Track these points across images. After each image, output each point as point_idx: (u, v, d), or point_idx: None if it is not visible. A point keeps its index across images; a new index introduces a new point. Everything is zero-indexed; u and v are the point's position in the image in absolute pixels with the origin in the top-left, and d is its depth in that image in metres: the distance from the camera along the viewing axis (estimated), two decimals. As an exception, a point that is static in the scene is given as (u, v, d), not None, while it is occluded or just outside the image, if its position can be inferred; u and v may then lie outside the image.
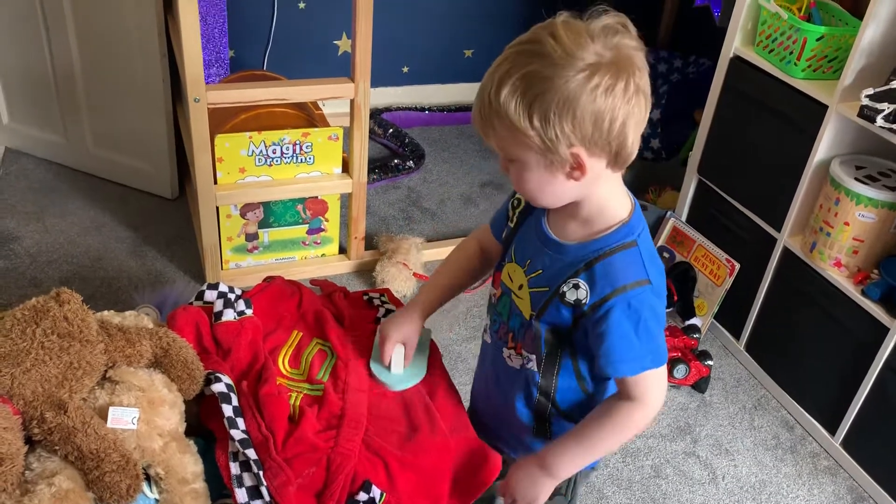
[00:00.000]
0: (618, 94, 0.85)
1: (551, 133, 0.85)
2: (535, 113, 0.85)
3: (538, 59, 0.84)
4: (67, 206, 2.27)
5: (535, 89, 0.84)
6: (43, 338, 1.12)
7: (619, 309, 0.93)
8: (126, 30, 2.10)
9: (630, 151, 0.90)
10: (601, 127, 0.86)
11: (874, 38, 1.61)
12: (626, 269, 0.94)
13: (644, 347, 0.95)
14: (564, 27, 0.85)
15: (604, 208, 0.96)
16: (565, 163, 0.89)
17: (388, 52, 2.82)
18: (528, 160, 0.90)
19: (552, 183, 0.92)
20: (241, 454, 1.20)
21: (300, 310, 1.55)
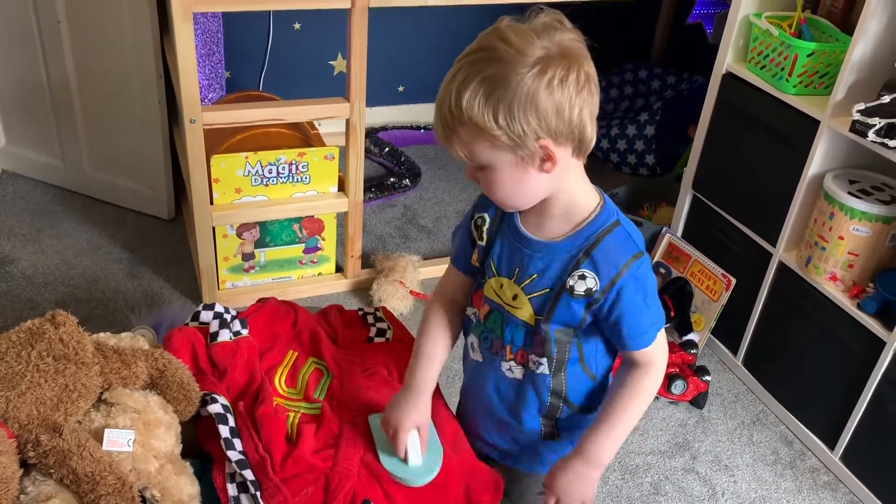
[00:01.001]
0: (571, 84, 0.89)
1: (517, 128, 0.89)
2: (500, 112, 0.88)
3: (492, 62, 0.88)
4: (64, 228, 2.27)
5: (497, 91, 0.87)
6: (38, 360, 1.12)
7: (630, 286, 0.98)
8: (122, 51, 2.11)
9: (590, 137, 0.94)
10: (563, 116, 0.89)
11: (864, 54, 1.62)
12: (621, 247, 0.98)
13: (654, 314, 1.01)
14: (511, 30, 0.89)
15: (576, 199, 1.00)
16: (535, 156, 0.92)
17: (383, 71, 2.84)
18: (497, 162, 0.93)
19: (524, 180, 0.94)
20: (238, 475, 1.19)
21: (295, 328, 1.55)
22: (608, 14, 3.00)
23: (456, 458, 1.26)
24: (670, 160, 2.69)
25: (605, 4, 2.24)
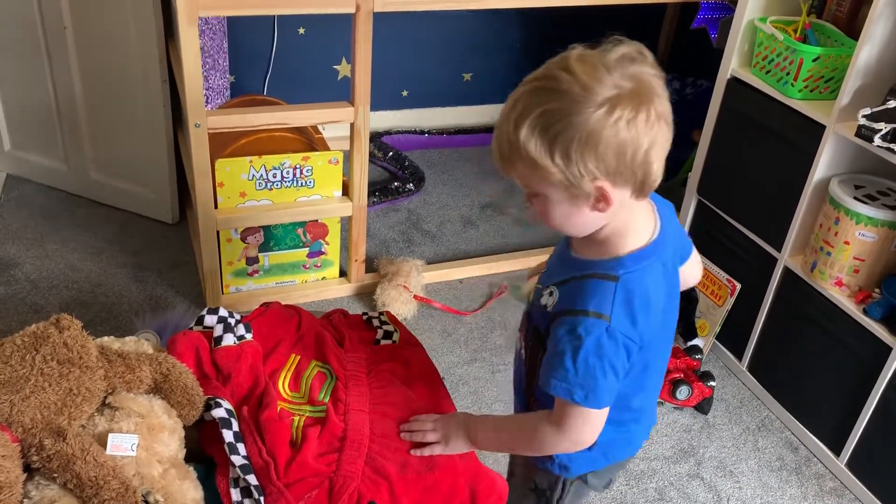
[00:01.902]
0: (640, 124, 0.84)
1: (574, 170, 0.85)
2: (557, 150, 0.84)
3: (555, 95, 0.84)
4: (68, 232, 2.28)
5: (556, 127, 0.83)
6: (42, 364, 1.12)
7: (565, 329, 0.93)
8: (127, 56, 2.11)
9: (655, 179, 0.89)
10: (624, 159, 0.85)
11: (870, 59, 1.62)
12: (591, 297, 0.93)
13: (577, 378, 0.92)
14: (579, 62, 0.84)
15: (615, 237, 0.95)
16: (589, 196, 0.88)
17: (387, 76, 2.84)
18: (551, 195, 0.90)
19: (577, 215, 0.91)
20: (241, 480, 1.19)
21: (299, 332, 1.55)
22: (612, 19, 3.00)
23: (461, 462, 1.25)
24: (675, 164, 2.68)
25: (609, 9, 2.24)
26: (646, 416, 1.13)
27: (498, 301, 2.20)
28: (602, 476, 1.16)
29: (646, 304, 0.94)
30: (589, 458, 1.09)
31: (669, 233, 1.01)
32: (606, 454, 1.11)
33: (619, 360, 0.93)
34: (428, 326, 2.07)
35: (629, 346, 0.93)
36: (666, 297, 1.00)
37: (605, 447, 1.08)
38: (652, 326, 0.96)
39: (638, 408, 1.08)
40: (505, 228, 2.55)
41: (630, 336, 0.93)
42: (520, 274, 2.34)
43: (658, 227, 0.98)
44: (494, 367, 1.96)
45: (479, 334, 2.07)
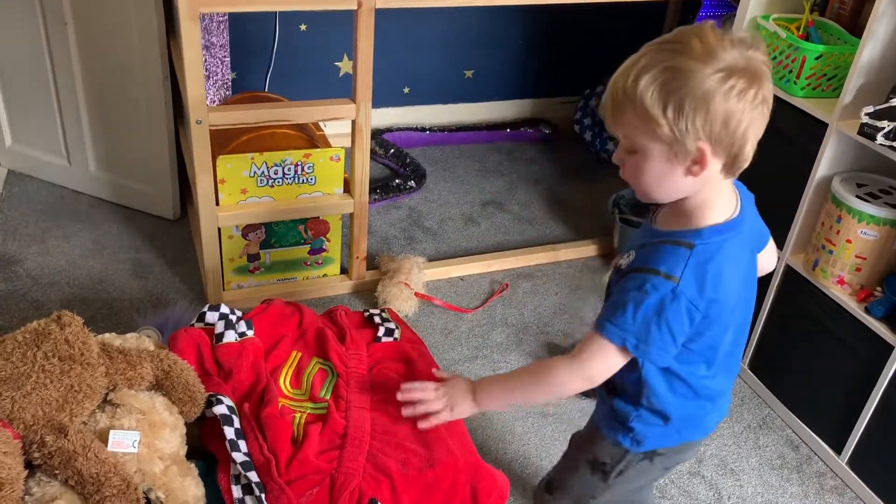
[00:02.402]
0: (748, 100, 0.90)
1: (682, 125, 0.90)
2: (671, 104, 0.89)
3: (680, 55, 0.89)
4: (69, 229, 2.28)
5: (675, 82, 0.89)
6: (44, 361, 1.12)
7: (635, 282, 0.97)
8: (129, 52, 2.11)
9: (745, 158, 0.95)
10: (729, 127, 0.90)
11: (873, 57, 1.61)
12: (664, 258, 0.97)
13: (633, 326, 0.97)
14: (711, 30, 0.91)
15: (698, 210, 0.99)
16: (688, 156, 0.93)
17: (388, 73, 2.84)
18: (651, 150, 0.94)
19: (670, 176, 0.95)
20: (242, 477, 1.19)
21: (300, 328, 1.55)
22: (615, 16, 3.00)
23: (463, 459, 1.26)
24: (676, 162, 2.68)
25: (612, 6, 2.24)
26: (720, 401, 1.14)
27: (499, 298, 2.20)
28: (669, 457, 1.17)
29: (717, 277, 0.97)
30: (664, 432, 1.12)
31: (749, 219, 1.05)
32: (680, 430, 1.12)
33: (678, 323, 0.97)
34: (429, 324, 2.07)
35: (692, 312, 0.97)
36: (743, 277, 1.03)
37: (680, 422, 1.11)
38: (723, 302, 0.99)
39: (712, 388, 1.10)
40: (506, 226, 2.54)
41: (695, 303, 0.96)
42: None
43: (738, 209, 1.02)
44: (496, 365, 1.96)
45: (480, 332, 2.07)
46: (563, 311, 2.18)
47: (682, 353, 1.03)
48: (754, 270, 1.10)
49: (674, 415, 1.09)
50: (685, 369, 1.06)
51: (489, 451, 1.70)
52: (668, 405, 1.09)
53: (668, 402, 1.08)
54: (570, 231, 2.55)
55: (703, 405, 1.12)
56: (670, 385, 1.08)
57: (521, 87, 3.13)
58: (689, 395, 1.09)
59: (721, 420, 1.18)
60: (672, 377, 1.07)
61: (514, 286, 2.26)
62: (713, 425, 1.18)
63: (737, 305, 1.04)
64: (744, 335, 1.13)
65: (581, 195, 2.74)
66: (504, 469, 1.61)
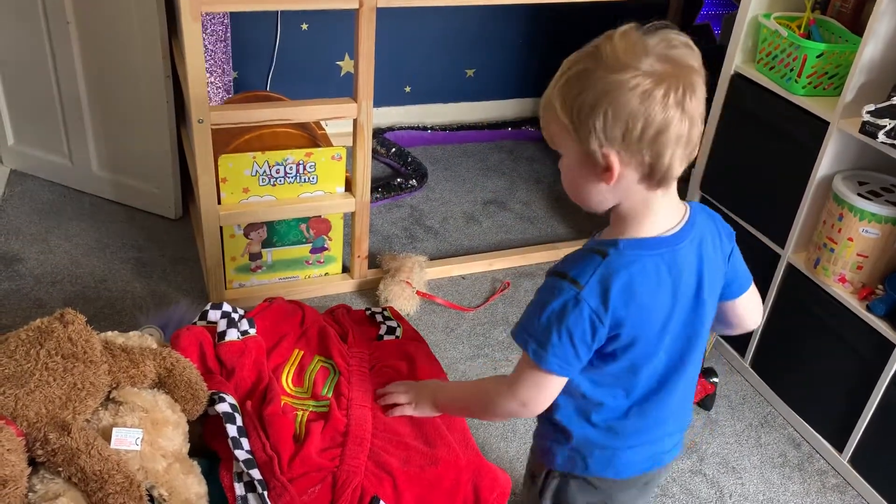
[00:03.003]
0: (656, 100, 0.84)
1: (584, 129, 0.88)
2: (574, 106, 0.88)
3: (591, 60, 0.88)
4: (72, 228, 2.28)
5: (579, 85, 0.88)
6: (47, 359, 1.13)
7: (546, 283, 0.97)
8: (131, 52, 2.11)
9: (665, 167, 0.88)
10: (633, 131, 0.86)
11: (874, 55, 1.61)
12: (577, 264, 0.94)
13: (535, 329, 0.95)
14: (621, 36, 0.88)
15: (624, 220, 0.95)
16: (598, 163, 0.90)
17: (390, 72, 2.84)
18: (568, 154, 0.94)
19: (586, 182, 0.93)
20: (245, 475, 1.19)
21: (303, 326, 1.55)
22: (615, 14, 3.00)
23: (465, 457, 1.26)
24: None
25: (613, 5, 2.24)
26: (642, 441, 1.06)
27: (501, 297, 2.21)
28: (587, 492, 1.09)
29: (625, 292, 0.92)
30: (569, 455, 1.07)
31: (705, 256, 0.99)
32: (585, 458, 1.06)
33: (579, 331, 0.93)
34: (430, 322, 2.08)
35: (594, 322, 0.93)
36: (667, 309, 0.96)
37: (581, 446, 1.05)
38: (635, 323, 0.94)
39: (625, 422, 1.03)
40: (508, 224, 2.55)
41: (598, 313, 0.92)
42: None
43: (679, 231, 0.96)
44: (497, 364, 1.97)
45: (481, 330, 2.07)
46: (564, 309, 2.18)
47: (595, 373, 0.99)
48: (698, 313, 1.00)
49: (574, 435, 1.04)
50: (597, 391, 1.01)
51: (491, 450, 1.71)
52: (568, 422, 1.04)
53: (570, 420, 1.04)
54: (572, 230, 2.55)
55: (607, 438, 1.04)
56: (575, 402, 1.03)
57: (522, 86, 3.13)
58: (596, 420, 1.03)
59: (649, 471, 1.10)
60: (578, 396, 1.02)
61: (515, 285, 2.26)
62: (630, 470, 1.08)
63: (663, 337, 0.98)
64: (683, 381, 1.04)
65: (582, 194, 2.74)
66: (506, 467, 1.62)
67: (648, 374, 1.00)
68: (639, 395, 1.02)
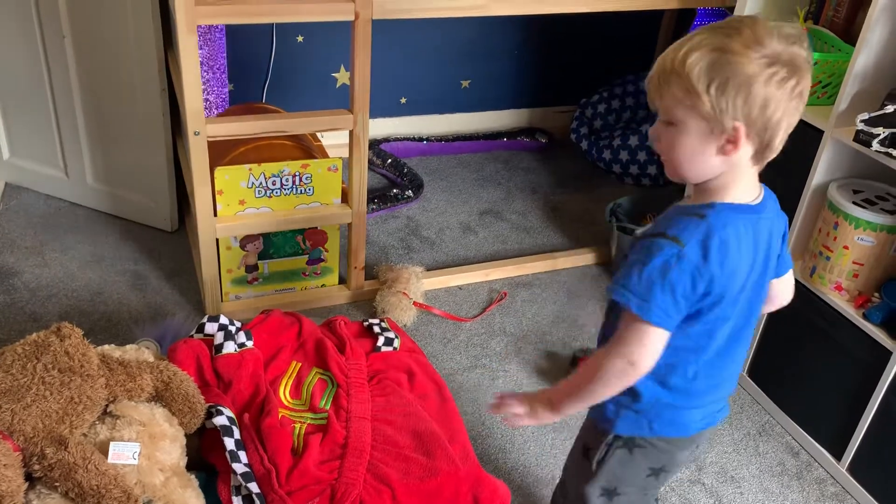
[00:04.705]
0: (787, 89, 0.94)
1: (723, 103, 0.94)
2: (715, 81, 0.94)
3: (730, 38, 0.94)
4: (67, 241, 2.28)
5: (721, 61, 0.93)
6: (44, 373, 1.12)
7: (644, 244, 1.00)
8: (126, 65, 2.12)
9: (775, 147, 0.99)
10: (766, 112, 0.94)
11: (867, 64, 1.62)
12: (675, 224, 1.00)
13: (637, 286, 0.99)
14: (763, 21, 0.96)
15: (719, 189, 1.02)
16: (723, 135, 0.96)
17: (385, 83, 2.85)
18: (688, 125, 0.97)
19: (702, 153, 0.98)
20: (243, 488, 1.19)
21: (300, 339, 1.55)
22: (610, 25, 3.02)
23: (464, 468, 1.25)
24: (673, 171, 2.69)
25: (607, 16, 2.25)
26: (704, 402, 1.13)
27: (498, 307, 2.20)
28: (650, 454, 1.15)
29: (722, 250, 0.99)
30: (635, 418, 1.12)
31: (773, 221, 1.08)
32: (651, 420, 1.12)
33: (682, 284, 0.99)
34: (428, 333, 2.07)
35: (695, 276, 0.99)
36: (748, 271, 1.04)
37: (648, 408, 1.10)
38: (725, 282, 1.00)
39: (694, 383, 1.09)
40: (504, 234, 2.55)
41: (699, 268, 0.98)
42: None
43: (760, 203, 1.05)
44: (494, 374, 1.96)
45: (479, 341, 2.07)
46: (561, 319, 2.18)
47: (676, 335, 1.03)
48: (764, 280, 1.10)
49: (644, 397, 1.09)
50: (674, 353, 1.05)
51: (490, 461, 1.70)
52: (640, 384, 1.07)
53: (641, 382, 1.07)
54: (568, 239, 2.55)
55: (677, 398, 1.10)
56: None
57: (517, 97, 3.14)
58: (669, 382, 1.08)
59: (706, 428, 1.16)
60: None
61: (512, 295, 2.26)
62: (692, 428, 1.15)
63: (739, 298, 1.05)
64: (741, 345, 1.12)
65: (578, 204, 2.75)
66: (504, 478, 1.61)
67: (721, 336, 1.07)
68: (709, 357, 1.08)
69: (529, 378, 1.96)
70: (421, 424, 1.34)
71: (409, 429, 1.32)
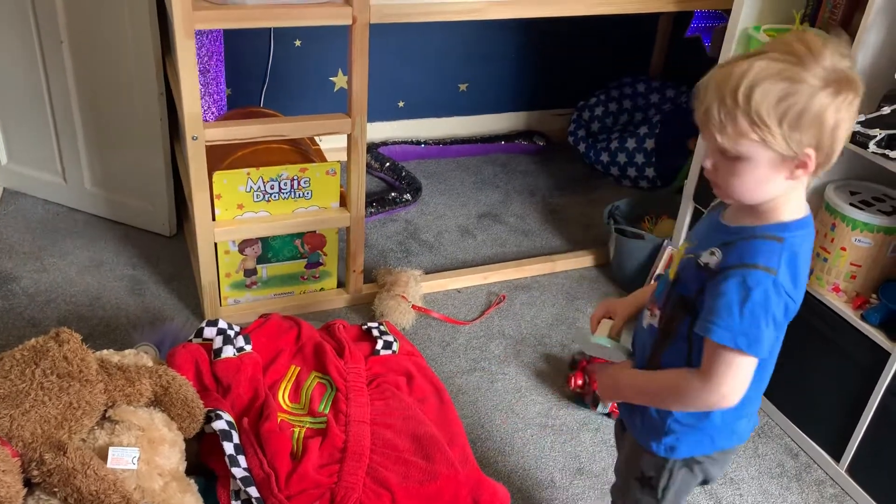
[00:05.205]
0: (853, 109, 0.94)
1: (796, 136, 0.92)
2: (787, 117, 0.91)
3: (793, 67, 0.91)
4: (66, 246, 2.27)
5: (789, 94, 0.91)
6: (42, 378, 1.12)
7: (736, 280, 0.97)
8: (124, 69, 2.12)
9: (833, 160, 0.98)
10: (835, 135, 0.94)
11: (863, 66, 1.63)
12: (759, 253, 0.98)
13: (741, 325, 0.97)
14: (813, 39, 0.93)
15: (780, 207, 1.00)
16: (793, 161, 0.95)
17: (383, 87, 2.85)
18: (758, 157, 0.95)
19: (771, 181, 0.97)
20: (242, 492, 1.19)
21: (299, 342, 1.55)
22: (607, 28, 3.02)
23: (463, 472, 1.25)
24: (670, 173, 2.70)
25: (604, 19, 2.26)
26: (752, 407, 1.16)
27: (496, 310, 2.21)
28: (707, 467, 1.17)
29: (802, 270, 1.00)
30: (698, 438, 1.12)
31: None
32: (713, 437, 1.13)
33: (779, 314, 0.99)
34: (426, 336, 2.08)
35: (788, 303, 0.99)
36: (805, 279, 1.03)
37: (712, 427, 1.11)
38: (799, 296, 1.01)
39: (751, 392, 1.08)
40: (502, 237, 2.55)
41: (791, 294, 0.99)
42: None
43: (810, 214, 1.04)
44: (493, 377, 1.96)
45: (477, 344, 2.07)
46: (560, 322, 2.18)
47: None
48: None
49: (714, 415, 1.09)
50: None
51: (489, 464, 1.70)
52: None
53: None
54: (566, 242, 2.55)
55: (739, 412, 1.11)
56: None
57: (514, 100, 3.14)
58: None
59: (752, 429, 1.19)
60: None
61: (510, 298, 2.26)
62: (746, 433, 1.17)
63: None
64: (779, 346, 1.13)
65: (576, 206, 2.75)
66: (504, 481, 1.61)
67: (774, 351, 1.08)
68: (764, 367, 1.10)
69: (528, 381, 1.96)
70: (420, 428, 1.34)
71: (408, 432, 1.32)
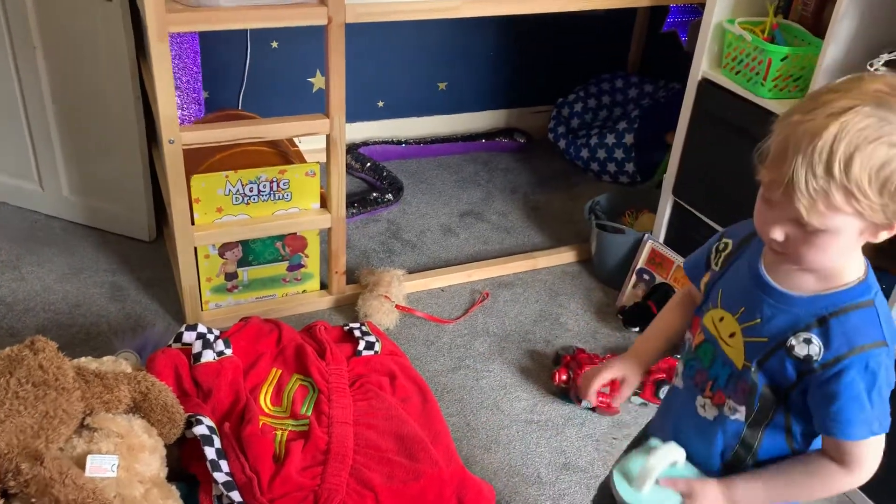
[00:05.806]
0: None
1: (894, 204, 0.83)
2: (887, 187, 0.82)
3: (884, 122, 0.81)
4: (44, 254, 2.25)
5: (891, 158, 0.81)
6: (17, 387, 1.11)
7: (856, 370, 0.90)
8: (99, 74, 2.10)
9: None
10: None
11: (836, 56, 1.64)
12: (864, 328, 0.90)
13: (874, 412, 0.91)
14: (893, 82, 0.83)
15: (846, 264, 0.92)
16: (882, 227, 0.86)
17: (362, 87, 2.84)
18: (846, 228, 0.85)
19: (854, 247, 0.89)
20: (225, 497, 1.18)
21: (279, 345, 1.54)
22: (584, 25, 3.03)
23: (448, 470, 1.25)
24: (650, 167, 2.71)
25: (581, 15, 2.26)
26: None
27: (480, 308, 2.21)
28: None
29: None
30: None
31: None
32: None
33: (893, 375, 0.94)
34: (411, 336, 2.07)
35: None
36: None
37: None
38: None
39: None
40: (485, 235, 2.55)
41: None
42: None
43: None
44: (478, 375, 1.96)
45: (462, 342, 2.07)
46: (543, 318, 2.19)
47: None
48: None
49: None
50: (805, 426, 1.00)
51: (474, 461, 1.70)
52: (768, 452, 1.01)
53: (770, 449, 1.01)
54: (548, 238, 2.56)
55: None
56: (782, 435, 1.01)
57: (494, 98, 3.15)
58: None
59: None
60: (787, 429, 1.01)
61: (494, 295, 2.27)
62: None
63: None
64: None
65: (557, 202, 2.76)
66: (489, 479, 1.61)
67: None
68: None
69: (513, 377, 1.96)
70: (403, 427, 1.34)
71: (391, 432, 1.32)
